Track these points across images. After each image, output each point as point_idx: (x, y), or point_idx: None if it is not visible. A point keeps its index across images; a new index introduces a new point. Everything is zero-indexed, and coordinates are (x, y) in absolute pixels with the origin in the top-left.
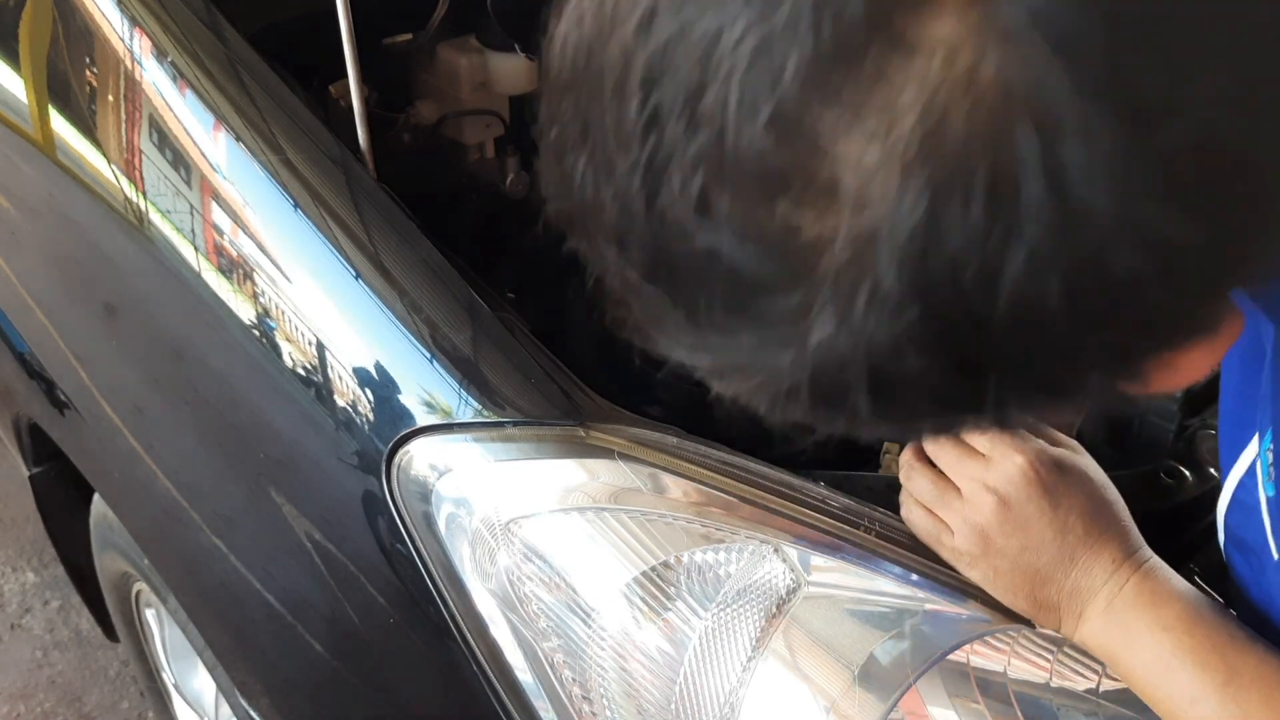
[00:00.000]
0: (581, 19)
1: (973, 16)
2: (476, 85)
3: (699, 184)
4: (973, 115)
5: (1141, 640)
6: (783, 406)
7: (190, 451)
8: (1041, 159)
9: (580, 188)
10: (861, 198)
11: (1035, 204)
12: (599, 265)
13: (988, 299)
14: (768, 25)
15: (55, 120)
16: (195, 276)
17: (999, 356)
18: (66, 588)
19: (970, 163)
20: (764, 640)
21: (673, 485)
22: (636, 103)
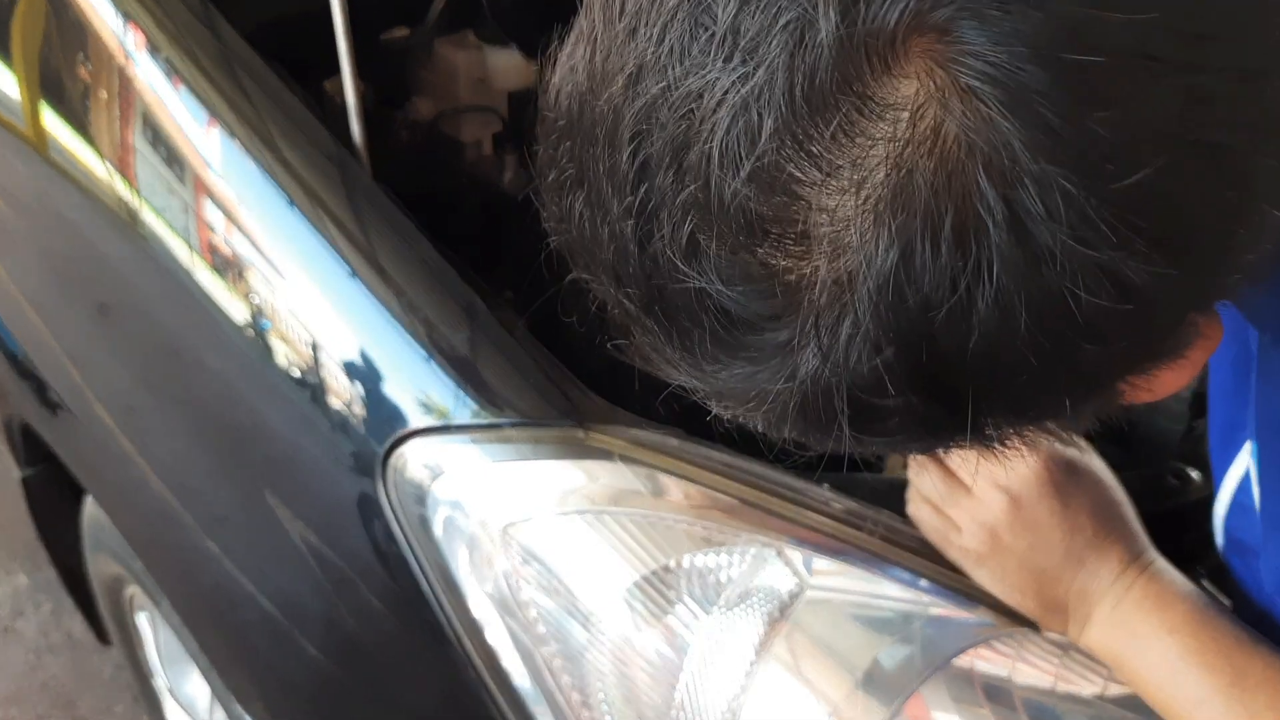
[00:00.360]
0: (575, 70)
1: (936, 78)
2: (474, 82)
3: (688, 230)
4: (938, 170)
5: (1147, 643)
6: (777, 427)
7: (184, 453)
8: (1003, 209)
9: (579, 225)
10: (838, 245)
11: (999, 250)
12: (600, 295)
13: (960, 335)
14: (746, 86)
15: (48, 117)
16: (189, 275)
17: (974, 387)
18: (59, 591)
19: (937, 213)
20: (766, 645)
21: (673, 487)
22: (627, 154)
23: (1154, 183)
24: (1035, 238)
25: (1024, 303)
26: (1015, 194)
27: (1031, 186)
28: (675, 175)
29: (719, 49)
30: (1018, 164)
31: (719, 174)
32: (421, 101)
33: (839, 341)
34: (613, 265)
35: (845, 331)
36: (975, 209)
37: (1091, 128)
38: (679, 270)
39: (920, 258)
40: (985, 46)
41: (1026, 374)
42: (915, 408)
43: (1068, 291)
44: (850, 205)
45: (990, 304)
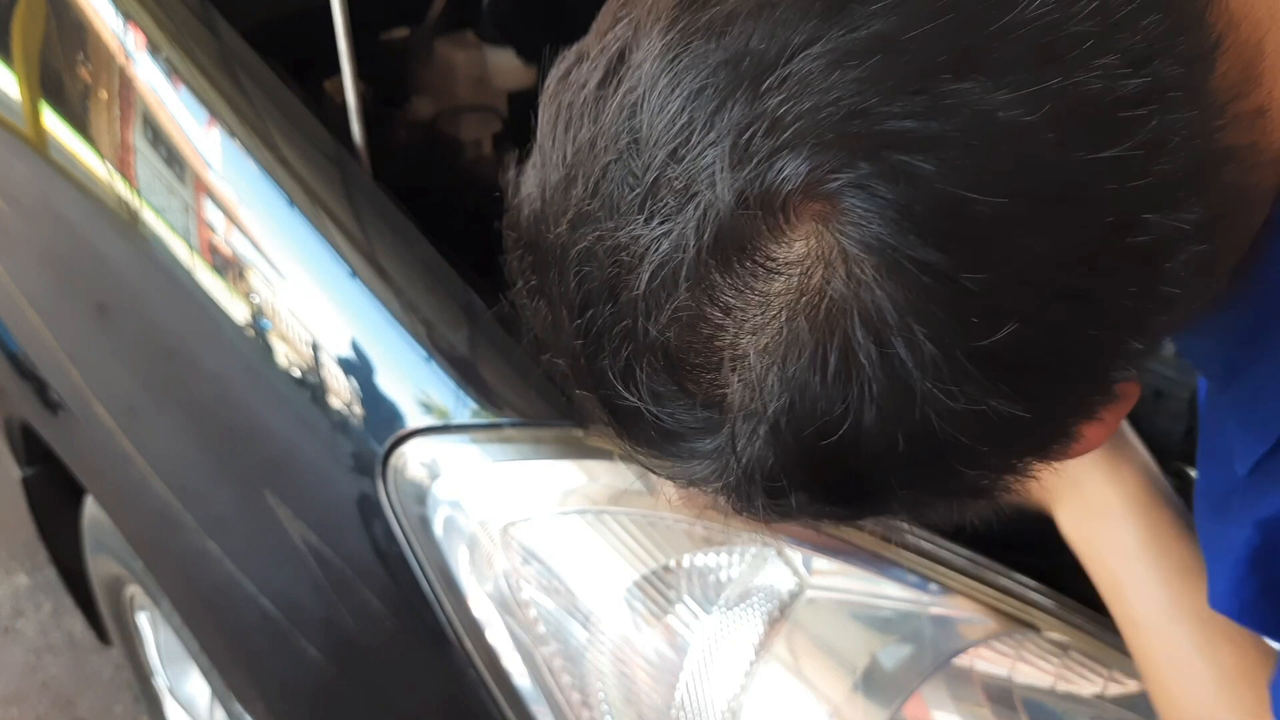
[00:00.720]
0: (531, 196)
1: (824, 241)
2: (474, 81)
3: (625, 356)
4: (824, 322)
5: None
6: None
7: (184, 453)
8: (877, 358)
9: (543, 326)
10: (746, 380)
11: (875, 392)
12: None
13: (849, 456)
14: (665, 244)
15: (48, 117)
16: (189, 275)
17: (868, 492)
18: (59, 591)
19: (823, 358)
20: (766, 644)
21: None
22: (574, 284)
23: (1019, 333)
24: (907, 384)
25: (902, 434)
26: (888, 348)
27: (902, 342)
28: (613, 309)
29: (640, 208)
30: (889, 324)
31: (644, 316)
32: (421, 101)
33: (753, 455)
34: (571, 370)
35: (757, 448)
36: (854, 354)
37: (961, 285)
38: (618, 390)
39: (810, 393)
40: (866, 216)
41: (910, 487)
42: (820, 508)
43: (938, 428)
44: (753, 348)
45: (873, 434)
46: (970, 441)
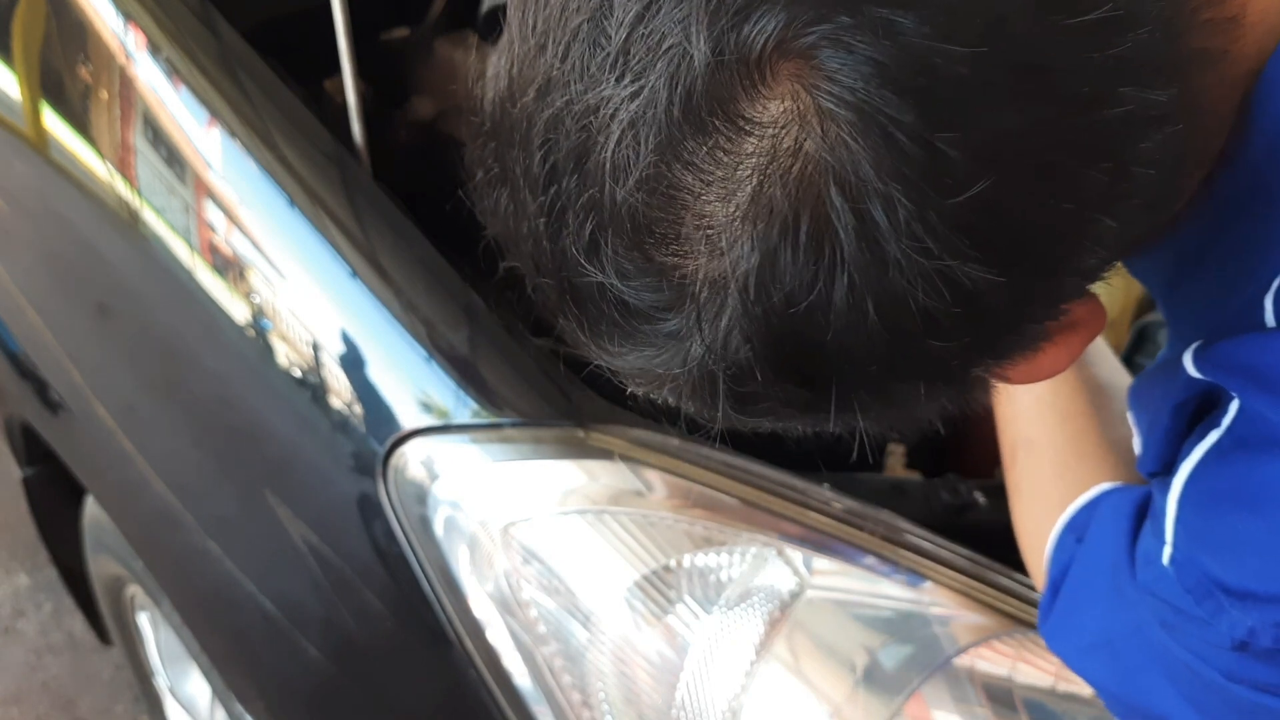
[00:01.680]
0: (497, 77)
1: (800, 100)
2: (474, 81)
3: (589, 229)
4: (797, 183)
5: None
6: (678, 403)
7: (184, 453)
8: (852, 220)
9: (504, 220)
10: (713, 247)
11: (848, 256)
12: (529, 284)
13: (818, 329)
14: (634, 104)
15: (48, 117)
16: (189, 275)
17: (834, 374)
18: (59, 591)
19: (795, 222)
20: (766, 644)
21: (673, 487)
22: (539, 158)
23: (989, 197)
24: (880, 246)
25: (872, 302)
26: (862, 207)
27: (877, 201)
28: (578, 179)
29: (612, 68)
30: (865, 181)
31: (611, 180)
32: (421, 101)
33: (718, 333)
34: (531, 257)
35: (723, 324)
36: (828, 219)
37: (935, 147)
38: (582, 265)
39: (781, 261)
40: (843, 72)
41: (878, 364)
42: (785, 391)
43: (909, 294)
44: (723, 213)
45: (843, 302)
46: (942, 309)
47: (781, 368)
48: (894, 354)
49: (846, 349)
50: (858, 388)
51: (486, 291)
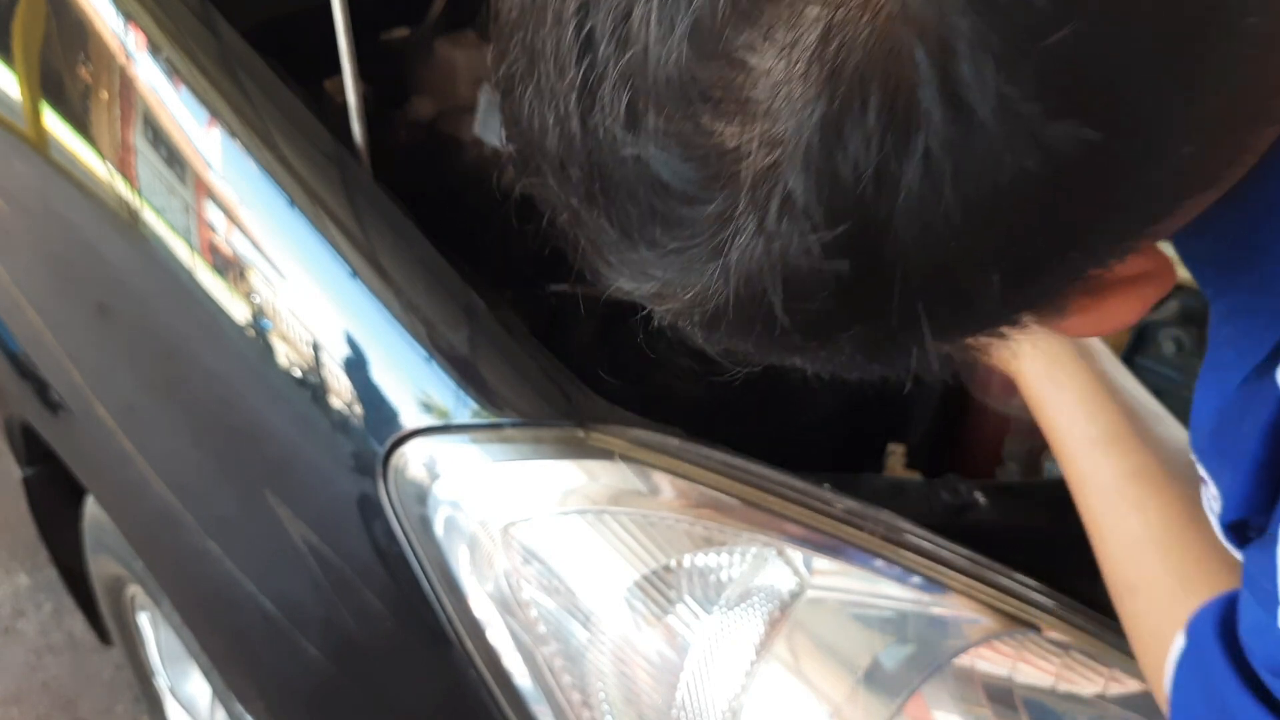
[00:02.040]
0: None
1: None
2: (475, 81)
3: (627, 99)
4: (871, 32)
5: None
6: (713, 324)
7: (184, 453)
8: (933, 72)
9: (527, 117)
10: (772, 108)
11: (928, 113)
12: (547, 198)
13: (887, 202)
14: None
15: (48, 117)
16: (189, 275)
17: (901, 259)
18: (59, 591)
19: (868, 77)
20: (767, 644)
21: (674, 487)
22: (573, 28)
23: (1086, 43)
24: (965, 100)
25: (951, 168)
26: (944, 57)
27: (963, 48)
28: (618, 43)
29: None
30: (947, 27)
31: (657, 37)
32: (421, 101)
33: (770, 210)
34: (558, 150)
35: (777, 199)
36: (906, 72)
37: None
38: (618, 142)
39: (850, 122)
40: None
41: (954, 247)
42: (841, 282)
43: (994, 156)
44: (783, 68)
45: (918, 169)
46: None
47: (842, 252)
48: (971, 235)
49: (917, 229)
50: (926, 280)
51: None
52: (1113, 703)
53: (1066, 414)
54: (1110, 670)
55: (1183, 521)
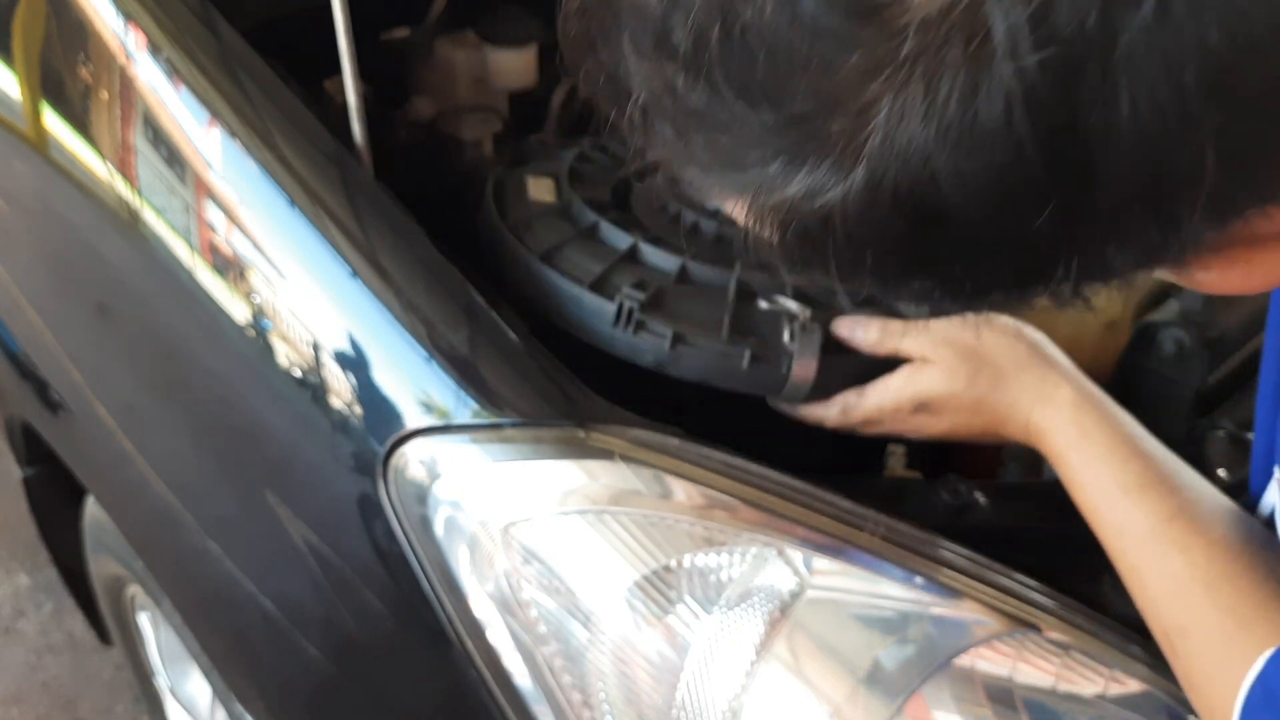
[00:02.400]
0: None
1: None
2: (474, 81)
3: None
4: None
5: (1098, 455)
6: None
7: (184, 453)
8: None
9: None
10: None
11: None
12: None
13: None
14: None
15: (48, 117)
16: (189, 275)
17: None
18: (60, 591)
19: None
20: (767, 644)
21: (674, 487)
22: None
23: None
24: None
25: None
26: None
27: None
28: None
29: None
30: None
31: None
32: (421, 101)
33: (950, 53)
34: (660, 11)
35: (959, 40)
36: None
37: None
38: None
39: None
40: None
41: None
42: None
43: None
44: None
45: (1140, 42)
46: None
47: (1041, 109)
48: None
49: (1143, 85)
50: (1134, 162)
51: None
52: (1113, 703)
53: (1096, 464)
54: (1110, 671)
55: (1229, 557)
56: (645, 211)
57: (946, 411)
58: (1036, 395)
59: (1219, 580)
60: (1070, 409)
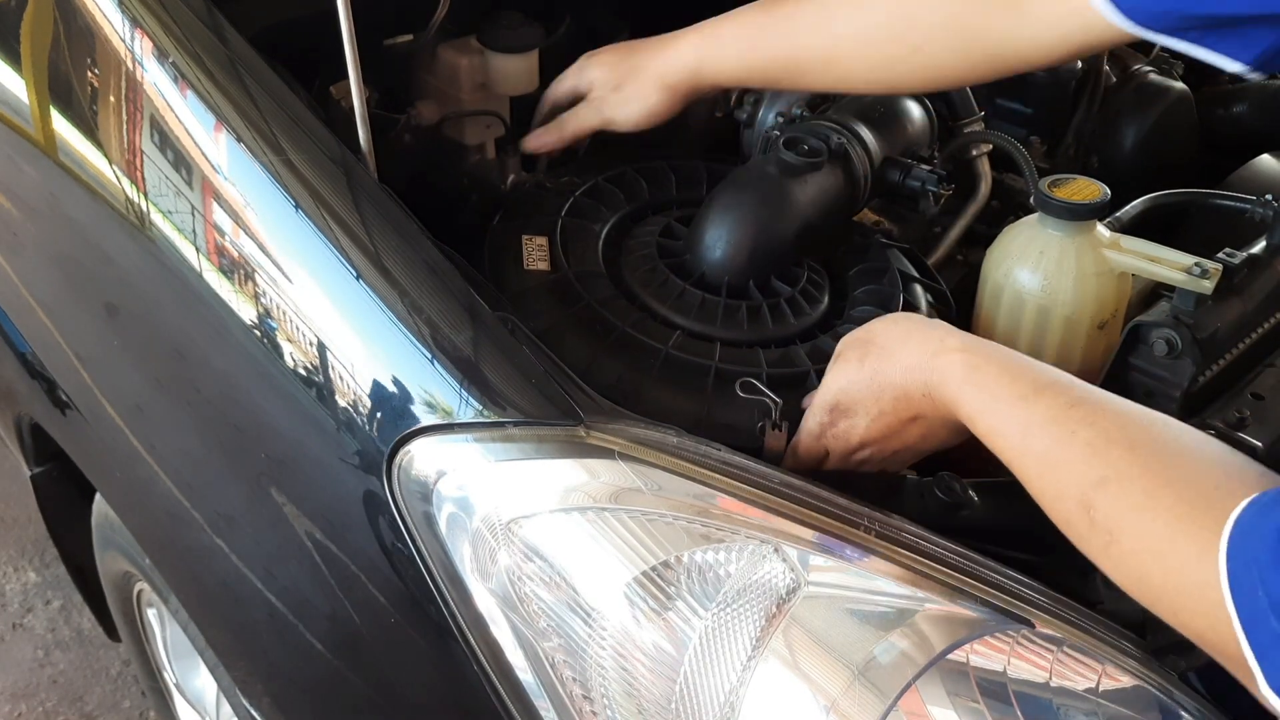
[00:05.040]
0: None
1: None
2: (477, 86)
3: None
4: None
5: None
6: None
7: (192, 451)
8: None
9: None
10: None
11: None
12: None
13: None
14: None
15: (56, 120)
16: (197, 277)
17: None
18: (68, 587)
19: None
20: (764, 640)
21: (673, 485)
22: None
23: None
24: None
25: None
26: None
27: None
28: None
29: None
30: None
31: None
32: (425, 106)
33: None
34: None
35: None
36: None
37: None
38: None
39: None
40: None
41: None
42: None
43: None
44: None
45: None
46: None
47: None
48: None
49: None
50: None
51: (489, 293)
52: (1105, 697)
53: (991, 386)
54: (1103, 665)
55: (1145, 422)
56: (634, 273)
57: (858, 408)
58: (925, 354)
59: (1139, 438)
60: (958, 353)
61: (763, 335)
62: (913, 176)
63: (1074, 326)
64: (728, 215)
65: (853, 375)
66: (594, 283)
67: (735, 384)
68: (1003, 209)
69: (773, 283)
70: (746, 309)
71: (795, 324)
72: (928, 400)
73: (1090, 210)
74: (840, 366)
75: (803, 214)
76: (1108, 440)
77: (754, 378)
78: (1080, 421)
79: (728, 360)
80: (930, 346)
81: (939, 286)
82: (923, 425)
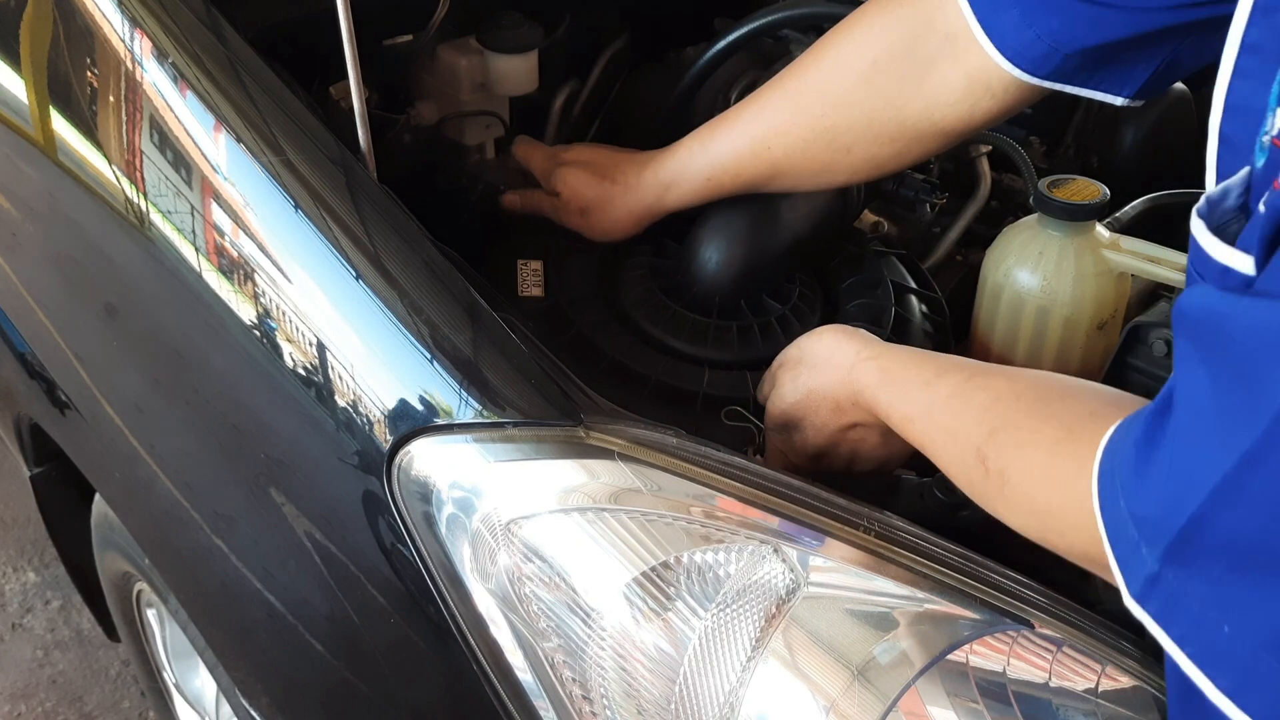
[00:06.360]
0: None
1: None
2: (476, 86)
3: None
4: None
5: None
6: None
7: (191, 452)
8: None
9: None
10: None
11: None
12: None
13: None
14: None
15: (56, 121)
16: (196, 277)
17: None
18: (68, 587)
19: None
20: (763, 640)
21: (673, 486)
22: None
23: None
24: None
25: None
26: None
27: None
28: None
29: None
30: None
31: None
32: (424, 106)
33: None
34: None
35: None
36: None
37: None
38: None
39: None
40: None
41: None
42: None
43: None
44: None
45: None
46: None
47: None
48: None
49: None
50: None
51: (489, 293)
52: (1104, 698)
53: (900, 380)
54: (1102, 666)
55: (1034, 377)
56: (627, 294)
57: (802, 422)
58: (846, 365)
59: (1025, 391)
60: (872, 360)
61: (753, 355)
62: (906, 185)
63: (1073, 327)
64: (719, 233)
65: (789, 393)
66: (586, 307)
67: (721, 412)
68: (1002, 209)
69: (765, 300)
70: (737, 329)
71: (786, 343)
72: (858, 408)
73: (1090, 210)
74: (779, 385)
75: (794, 229)
76: (997, 397)
77: (741, 402)
78: (976, 388)
79: (716, 384)
80: (849, 359)
81: (934, 295)
82: (863, 431)
